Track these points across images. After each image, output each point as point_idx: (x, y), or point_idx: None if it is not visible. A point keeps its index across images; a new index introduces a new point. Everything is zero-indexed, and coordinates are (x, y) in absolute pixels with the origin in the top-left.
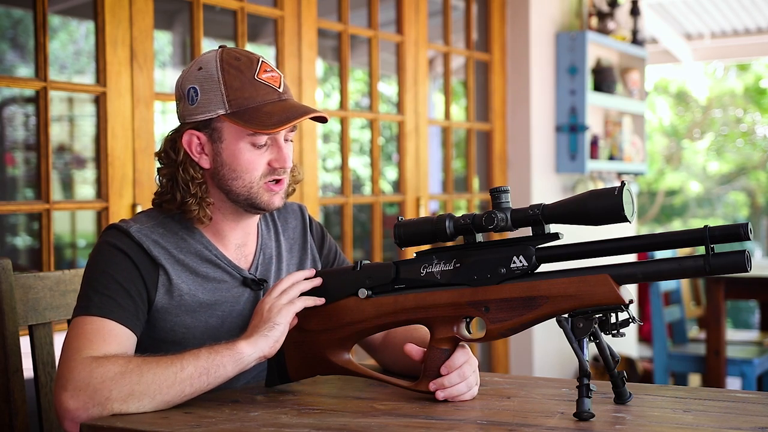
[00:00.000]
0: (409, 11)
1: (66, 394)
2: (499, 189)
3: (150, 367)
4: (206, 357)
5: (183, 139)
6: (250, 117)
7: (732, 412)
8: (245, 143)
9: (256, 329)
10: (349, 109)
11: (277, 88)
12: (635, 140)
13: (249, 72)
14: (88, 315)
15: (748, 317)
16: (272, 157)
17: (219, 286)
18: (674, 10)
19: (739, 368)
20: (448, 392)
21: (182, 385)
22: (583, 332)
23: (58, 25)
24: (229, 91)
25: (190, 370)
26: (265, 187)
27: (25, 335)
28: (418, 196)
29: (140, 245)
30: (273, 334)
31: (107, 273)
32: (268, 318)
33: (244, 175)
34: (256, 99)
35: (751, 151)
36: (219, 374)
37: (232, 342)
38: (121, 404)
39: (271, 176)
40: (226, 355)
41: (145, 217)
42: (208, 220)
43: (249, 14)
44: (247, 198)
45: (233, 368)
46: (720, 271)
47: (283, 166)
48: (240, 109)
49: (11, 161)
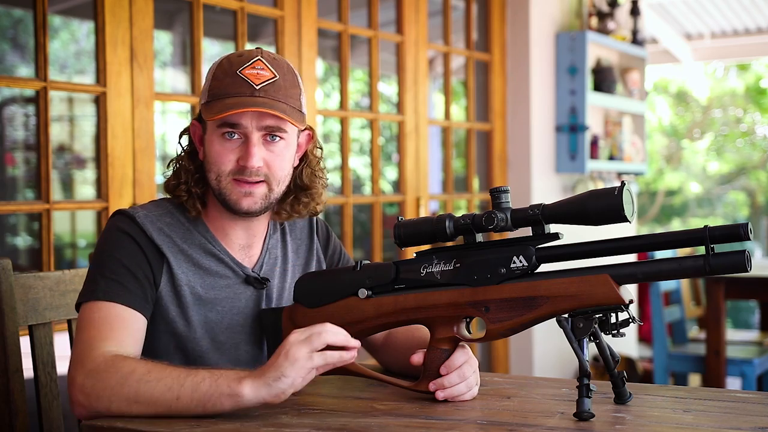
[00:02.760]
0: (409, 11)
1: (75, 386)
2: (499, 189)
3: (149, 386)
4: (206, 390)
5: (190, 129)
6: (211, 106)
7: (732, 412)
8: (216, 134)
9: (265, 372)
10: (349, 109)
11: (254, 84)
12: (635, 140)
13: (237, 66)
14: (96, 300)
15: (748, 317)
16: (240, 154)
17: (220, 281)
18: (674, 10)
19: (739, 368)
20: (448, 392)
21: (177, 411)
22: (583, 332)
23: (58, 25)
24: (212, 83)
25: (185, 401)
26: (232, 183)
27: (25, 335)
28: (418, 196)
29: (144, 231)
30: (278, 385)
31: (114, 257)
32: (280, 363)
33: (213, 166)
34: (229, 91)
35: (751, 151)
36: (216, 410)
37: (236, 380)
38: (121, 411)
39: (239, 174)
40: (226, 394)
41: (153, 205)
42: (195, 212)
43: (249, 14)
44: (219, 194)
45: (230, 407)
46: (720, 271)
47: (245, 164)
48: (211, 99)
49: (11, 161)
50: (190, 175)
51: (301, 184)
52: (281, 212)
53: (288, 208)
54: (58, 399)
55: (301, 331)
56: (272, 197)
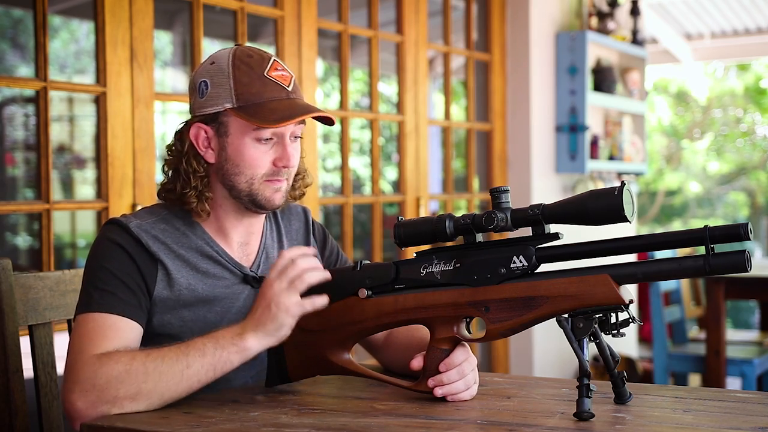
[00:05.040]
0: (409, 11)
1: (73, 395)
2: (499, 189)
3: (155, 364)
4: (212, 352)
5: (190, 132)
6: (255, 111)
7: (732, 412)
8: (250, 138)
9: (263, 323)
10: (349, 109)
11: (286, 87)
12: (635, 140)
13: (259, 69)
14: (89, 312)
15: (748, 317)
16: (276, 156)
17: (218, 282)
18: (674, 10)
19: (739, 368)
20: (446, 389)
21: (189, 381)
22: (583, 332)
23: (58, 25)
24: (238, 86)
25: (196, 367)
26: (265, 184)
27: (25, 335)
28: (418, 196)
29: (138, 240)
30: (280, 333)
31: (105, 268)
32: (275, 314)
33: (247, 170)
34: (264, 95)
35: (751, 151)
36: (225, 369)
37: (238, 335)
38: (130, 402)
39: (275, 175)
40: (233, 351)
41: (147, 213)
42: (206, 215)
43: (249, 14)
44: (249, 194)
45: (239, 361)
46: (720, 271)
47: (286, 165)
48: (246, 104)
49: (11, 161)
50: (199, 180)
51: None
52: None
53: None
54: (58, 399)
55: (278, 276)
56: (289, 189)
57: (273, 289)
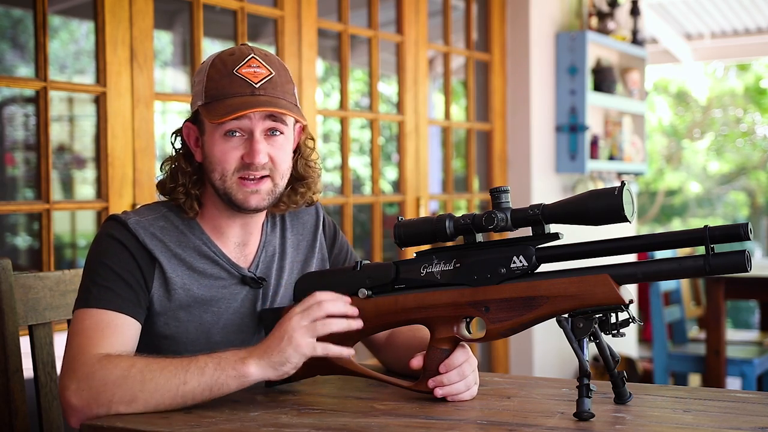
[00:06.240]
0: (409, 11)
1: (69, 392)
2: (499, 189)
3: (153, 375)
4: (211, 373)
5: (183, 131)
6: (214, 107)
7: (732, 412)
8: (218, 134)
9: (269, 353)
10: (349, 109)
11: (253, 83)
12: (635, 140)
13: (232, 66)
14: (87, 308)
15: (748, 317)
16: (245, 151)
17: (215, 282)
18: (674, 10)
19: (739, 368)
20: (446, 390)
21: (184, 398)
22: (583, 332)
23: (58, 25)
24: (208, 83)
25: (193, 384)
26: (238, 182)
27: (25, 335)
28: (418, 196)
29: (136, 237)
30: (283, 368)
31: (104, 264)
32: (284, 348)
33: (217, 167)
34: (228, 91)
35: (751, 151)
36: (222, 392)
37: (241, 360)
38: (125, 407)
39: (245, 171)
40: (231, 375)
41: (147, 210)
42: (194, 213)
43: (249, 14)
44: (224, 193)
45: (236, 386)
46: (720, 271)
47: (251, 160)
48: (211, 100)
49: (11, 161)
50: (188, 177)
51: (296, 174)
52: (280, 204)
53: (286, 199)
54: (58, 399)
55: (301, 312)
56: (277, 191)
57: (291, 322)
